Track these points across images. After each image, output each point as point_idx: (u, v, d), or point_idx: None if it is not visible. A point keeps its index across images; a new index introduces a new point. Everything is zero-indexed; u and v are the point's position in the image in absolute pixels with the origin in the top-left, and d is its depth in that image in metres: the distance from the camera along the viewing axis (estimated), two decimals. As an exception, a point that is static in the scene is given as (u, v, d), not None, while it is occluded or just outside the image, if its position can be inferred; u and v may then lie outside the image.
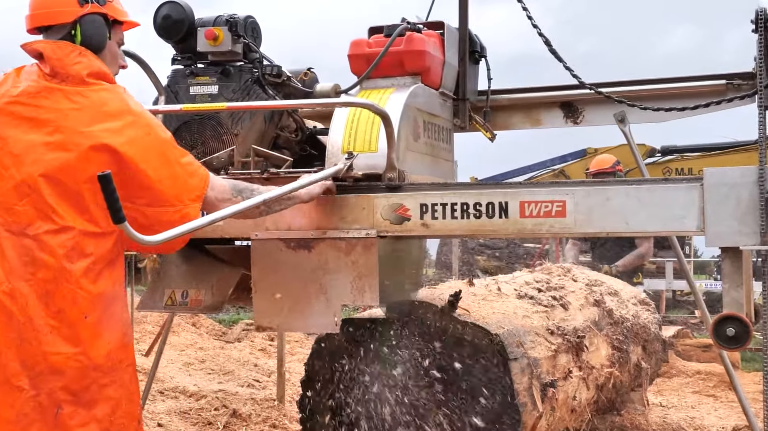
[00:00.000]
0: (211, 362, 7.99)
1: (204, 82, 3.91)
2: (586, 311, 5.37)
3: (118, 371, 3.03)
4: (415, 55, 3.98)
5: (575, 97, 4.53)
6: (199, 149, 3.87)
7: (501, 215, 3.35)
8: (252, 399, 6.83)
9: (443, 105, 4.24)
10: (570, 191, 3.30)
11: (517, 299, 4.83)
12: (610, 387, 5.38)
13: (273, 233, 3.63)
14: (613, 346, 5.50)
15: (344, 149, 3.67)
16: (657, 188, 3.25)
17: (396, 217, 3.46)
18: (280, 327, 3.74)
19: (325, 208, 3.55)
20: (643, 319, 6.30)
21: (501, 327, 4.03)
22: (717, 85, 4.28)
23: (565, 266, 6.24)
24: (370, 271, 3.52)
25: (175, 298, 4.03)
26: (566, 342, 4.66)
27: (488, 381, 3.86)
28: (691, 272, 15.98)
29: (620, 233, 3.33)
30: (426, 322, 3.94)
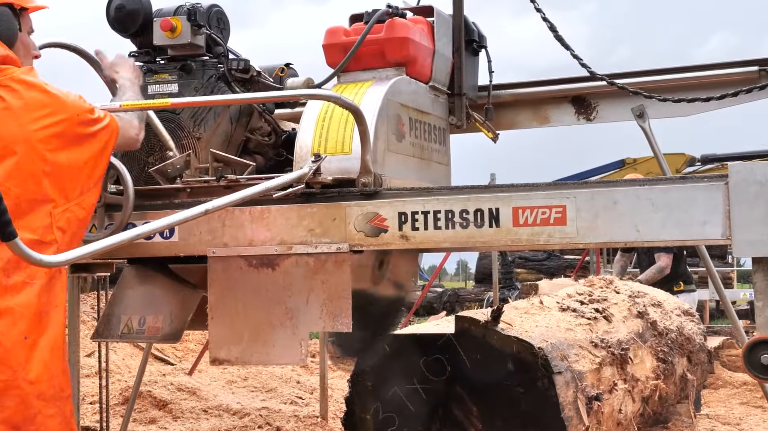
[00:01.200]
0: (254, 379, 7.48)
1: (163, 80, 3.22)
2: (629, 323, 4.97)
3: (61, 401, 2.50)
4: (397, 44, 3.23)
5: (588, 91, 3.70)
6: (157, 155, 3.18)
7: (492, 224, 2.61)
8: (295, 416, 6.30)
9: (435, 101, 3.47)
10: (571, 194, 2.56)
11: (559, 312, 4.46)
12: (656, 400, 4.98)
13: (232, 250, 2.91)
14: (658, 358, 5.12)
15: (314, 150, 2.97)
16: (673, 189, 2.51)
17: (371, 228, 2.72)
18: (239, 360, 2.97)
19: (289, 219, 2.83)
20: (688, 330, 5.84)
21: (544, 341, 3.70)
22: (749, 73, 3.45)
23: (607, 278, 5.78)
24: (341, 292, 2.79)
25: (132, 326, 3.32)
26: (610, 354, 4.30)
27: (533, 395, 3.50)
28: (734, 281, 14.88)
29: (630, 242, 2.57)
30: (470, 336, 3.57)
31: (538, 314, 4.21)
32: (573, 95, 3.76)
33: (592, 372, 3.94)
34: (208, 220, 2.87)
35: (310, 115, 3.08)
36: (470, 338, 3.54)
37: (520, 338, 3.54)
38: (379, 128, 2.99)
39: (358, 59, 3.23)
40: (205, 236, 2.89)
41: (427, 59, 3.37)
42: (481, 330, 3.52)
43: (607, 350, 4.26)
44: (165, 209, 2.94)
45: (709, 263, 4.15)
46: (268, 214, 2.84)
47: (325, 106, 3.06)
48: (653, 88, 3.48)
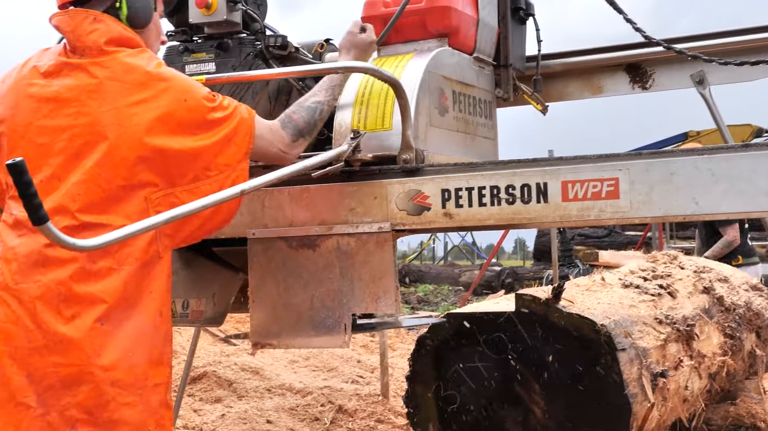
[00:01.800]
0: (315, 359, 7.43)
1: (200, 59, 3.06)
2: (695, 299, 4.81)
3: (143, 390, 2.34)
4: (438, 13, 3.03)
5: (643, 58, 3.46)
6: None
7: (540, 200, 2.44)
8: (357, 395, 6.25)
9: (480, 73, 3.26)
10: (624, 166, 2.38)
11: (622, 289, 4.32)
12: (723, 376, 4.84)
13: (272, 231, 2.78)
14: (725, 334, 4.95)
15: (353, 127, 2.81)
16: (735, 158, 2.31)
17: (414, 206, 2.57)
18: (280, 344, 2.86)
19: (329, 198, 2.70)
20: (756, 305, 5.57)
21: (607, 317, 3.58)
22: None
23: (671, 254, 5.57)
24: (384, 272, 2.64)
25: (176, 309, 3.21)
26: (675, 330, 4.18)
27: (596, 372, 3.40)
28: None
29: (689, 216, 2.37)
30: (531, 314, 3.46)
31: (600, 292, 4.10)
32: (627, 63, 3.53)
33: (656, 348, 3.84)
34: (248, 201, 2.75)
35: (349, 90, 2.91)
36: (531, 316, 3.44)
37: (582, 315, 3.43)
38: (420, 101, 2.82)
39: (399, 31, 3.05)
40: (245, 218, 2.77)
41: (471, 29, 3.18)
42: (542, 307, 3.42)
43: (672, 326, 4.15)
44: None
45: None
46: (307, 194, 2.72)
47: (365, 81, 2.89)
48: (714, 53, 3.23)
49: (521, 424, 3.63)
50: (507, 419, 3.62)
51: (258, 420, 5.60)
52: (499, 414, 3.64)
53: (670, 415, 4.13)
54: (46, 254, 2.26)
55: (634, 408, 3.44)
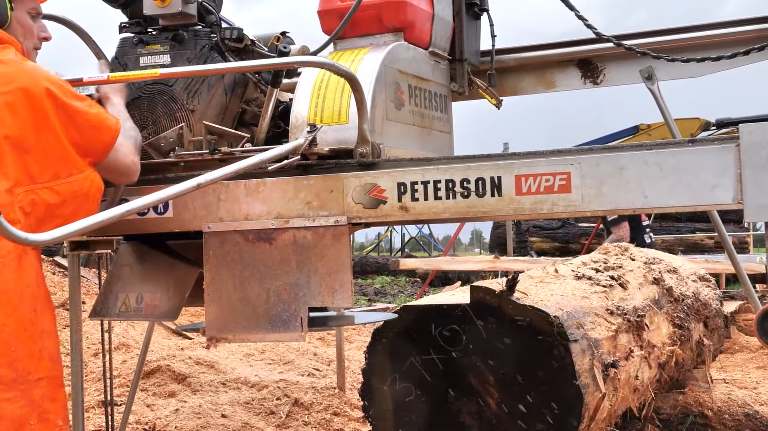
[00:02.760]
0: (271, 352, 7.39)
1: (155, 51, 3.03)
2: (645, 290, 4.93)
3: (26, 385, 2.37)
4: (394, 7, 3.06)
5: (594, 53, 3.51)
6: (150, 128, 3.03)
7: (494, 193, 2.48)
8: (313, 388, 6.24)
9: (435, 67, 3.30)
10: (575, 161, 2.42)
11: (574, 281, 4.42)
12: (672, 365, 4.96)
13: (228, 225, 2.78)
14: (674, 324, 5.06)
15: (309, 120, 2.81)
16: (682, 152, 2.36)
17: (370, 200, 2.59)
18: (236, 338, 2.84)
19: (286, 192, 2.70)
20: (704, 296, 5.78)
21: (560, 309, 3.67)
22: (762, 30, 3.26)
23: (623, 246, 5.69)
24: (341, 266, 2.65)
25: (129, 303, 3.18)
26: (626, 321, 4.26)
27: (549, 363, 3.46)
28: (750, 246, 14.65)
29: (638, 209, 2.43)
30: (485, 306, 3.52)
31: (553, 283, 4.17)
32: (579, 58, 3.58)
33: (608, 339, 3.90)
34: (203, 194, 2.75)
35: (305, 84, 2.91)
36: (486, 308, 3.49)
37: (535, 307, 3.50)
38: (376, 95, 2.83)
39: (355, 25, 3.05)
40: (200, 211, 2.77)
41: (426, 24, 3.20)
42: (496, 299, 3.48)
43: (623, 317, 4.21)
44: (158, 184, 2.78)
45: (721, 228, 4.00)
46: (263, 187, 2.72)
47: (321, 75, 2.90)
48: (662, 49, 3.30)
49: (476, 416, 3.65)
50: (462, 411, 3.65)
51: (213, 415, 5.54)
52: (454, 405, 3.65)
53: (621, 404, 4.16)
54: None
55: (586, 398, 3.49)
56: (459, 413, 3.65)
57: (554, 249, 15.53)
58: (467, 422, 3.67)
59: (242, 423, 5.59)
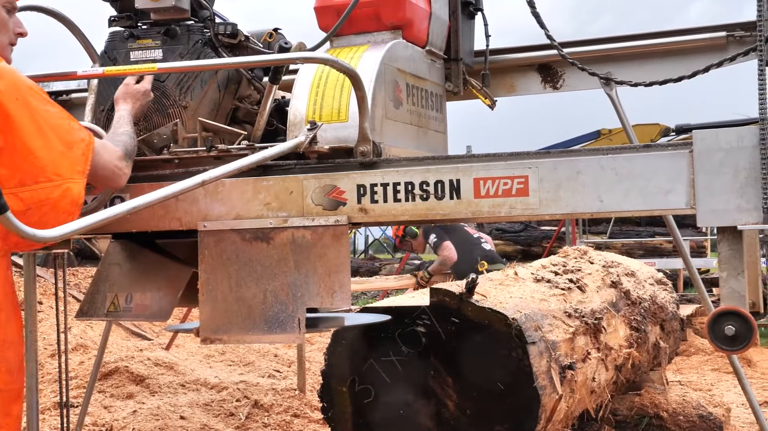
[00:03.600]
0: (231, 353, 7.38)
1: (146, 45, 2.99)
2: (603, 293, 4.94)
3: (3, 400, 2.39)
4: (393, 5, 3.04)
5: (554, 59, 3.53)
6: (142, 124, 2.98)
7: (453, 196, 2.50)
8: (273, 389, 6.23)
9: (432, 66, 3.30)
10: (533, 164, 2.45)
11: (534, 283, 4.43)
12: (629, 368, 4.97)
13: (224, 224, 2.74)
14: (631, 326, 5.09)
15: (308, 118, 2.79)
16: (636, 158, 2.40)
17: (329, 201, 2.60)
18: (231, 339, 2.79)
19: (245, 193, 2.69)
20: (661, 299, 5.79)
21: (518, 311, 3.68)
22: (716, 38, 3.31)
23: (582, 249, 5.70)
24: (340, 266, 2.63)
25: (119, 303, 3.13)
26: (584, 324, 4.27)
27: (507, 365, 3.48)
28: (708, 250, 14.88)
29: (594, 213, 2.46)
30: (445, 308, 3.51)
31: (512, 286, 4.18)
32: (539, 63, 3.60)
33: (565, 341, 3.93)
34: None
35: (304, 81, 2.89)
36: (445, 310, 3.49)
37: (494, 309, 3.52)
38: (376, 94, 2.81)
39: (352, 22, 3.04)
40: (158, 211, 2.74)
41: (424, 22, 3.19)
42: (455, 301, 3.49)
43: (580, 319, 4.24)
44: (152, 182, 2.77)
45: (676, 232, 4.05)
46: (222, 188, 2.71)
47: (320, 72, 2.88)
48: (620, 56, 3.36)
49: (434, 418, 3.65)
50: (421, 413, 3.65)
51: (171, 416, 5.53)
52: (413, 407, 3.66)
53: (578, 406, 4.19)
54: None
55: (543, 400, 3.50)
56: (418, 415, 3.66)
57: (516, 252, 15.61)
58: (426, 424, 3.67)
59: (201, 425, 5.58)
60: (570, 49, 3.40)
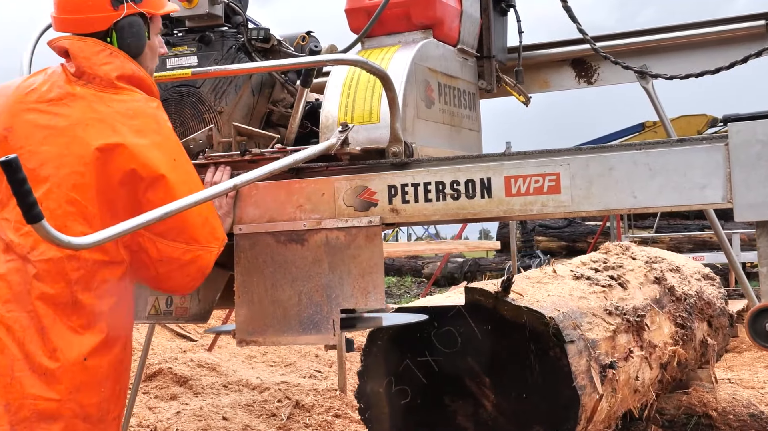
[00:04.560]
0: (273, 354, 7.50)
1: (182, 52, 3.07)
2: (646, 290, 4.89)
3: (105, 424, 2.42)
4: (423, 5, 3.06)
5: (587, 53, 3.52)
6: (178, 130, 3.02)
7: (483, 195, 2.50)
8: (314, 390, 6.32)
9: (464, 65, 3.32)
10: (564, 161, 2.44)
11: (573, 281, 4.40)
12: (675, 366, 4.92)
13: (259, 227, 2.79)
14: (676, 323, 5.04)
15: (340, 120, 2.83)
16: (671, 152, 2.37)
17: (361, 202, 2.62)
18: (267, 340, 2.82)
19: (278, 196, 2.73)
20: (708, 294, 5.76)
21: (556, 310, 3.65)
22: (755, 28, 3.27)
23: (624, 245, 5.68)
24: (374, 267, 2.66)
25: (159, 306, 3.21)
26: (625, 321, 4.24)
27: (545, 365, 3.47)
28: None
29: (628, 209, 2.45)
30: (480, 308, 3.52)
31: (550, 284, 4.17)
32: (572, 58, 3.60)
33: (606, 340, 3.90)
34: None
35: (335, 83, 2.93)
36: (481, 309, 3.50)
37: (530, 308, 3.51)
38: (407, 94, 2.85)
39: (383, 23, 3.07)
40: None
41: (455, 21, 3.21)
42: (491, 300, 3.49)
43: (622, 317, 4.22)
44: None
45: (717, 226, 4.01)
46: (256, 191, 2.76)
47: (351, 74, 2.92)
48: (657, 48, 3.34)
49: (472, 418, 3.66)
50: (458, 413, 3.65)
51: (213, 417, 5.63)
52: (450, 408, 3.66)
53: (621, 406, 4.17)
54: (33, 284, 2.31)
55: (583, 400, 3.49)
56: (455, 415, 3.66)
57: (561, 248, 15.59)
58: (463, 424, 3.68)
59: (243, 426, 5.69)
60: (603, 43, 3.39)
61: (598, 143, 9.94)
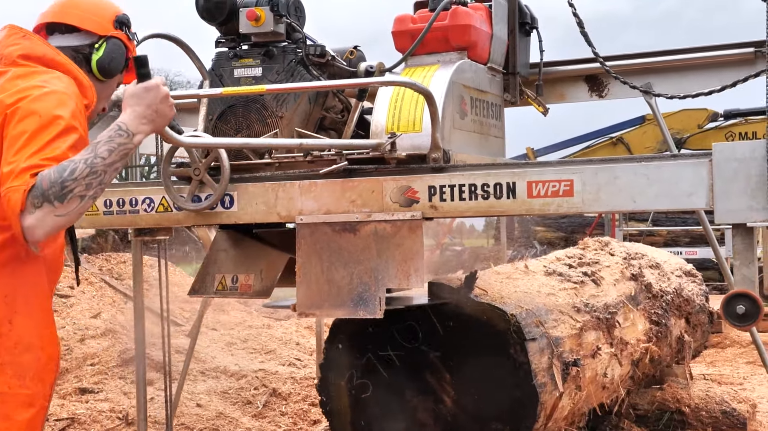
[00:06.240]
0: (254, 341, 8.03)
1: (248, 64, 3.92)
2: (621, 286, 5.37)
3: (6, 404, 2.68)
4: (460, 30, 3.93)
5: (599, 71, 4.47)
6: (244, 133, 3.88)
7: (509, 196, 3.36)
8: (292, 378, 6.92)
9: (492, 80, 4.22)
10: (578, 170, 3.30)
11: (544, 277, 4.83)
12: (647, 362, 5.39)
13: (318, 217, 3.61)
14: (651, 320, 5.54)
15: (388, 128, 3.67)
16: (665, 166, 3.23)
17: (405, 199, 3.48)
18: (322, 313, 3.69)
19: (334, 192, 3.59)
20: (687, 291, 6.30)
21: (520, 307, 4.02)
22: (744, 54, 4.26)
23: (603, 240, 6.21)
24: (416, 254, 3.48)
25: (226, 283, 4.10)
26: (595, 318, 4.64)
27: (506, 362, 3.86)
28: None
29: (628, 210, 3.35)
30: (444, 303, 3.94)
31: (520, 279, 4.59)
32: (586, 75, 4.59)
33: (571, 337, 4.30)
34: (264, 192, 3.66)
35: (384, 97, 3.77)
36: (444, 304, 3.93)
37: (492, 304, 3.92)
38: (446, 108, 3.68)
39: (424, 44, 3.91)
40: (260, 207, 3.67)
41: (486, 43, 4.06)
42: (454, 296, 3.90)
43: (591, 314, 4.64)
44: (255, 182, 3.72)
45: (706, 224, 4.89)
46: (315, 187, 3.60)
47: (397, 89, 3.75)
48: (658, 69, 4.32)
49: (432, 413, 4.01)
50: (418, 408, 4.05)
51: (188, 404, 6.16)
52: (411, 403, 4.04)
53: (586, 403, 4.60)
54: None
55: (542, 398, 3.86)
56: (416, 410, 4.06)
57: (559, 239, 16.56)
58: (423, 419, 4.05)
59: (217, 413, 6.27)
60: (613, 62, 4.34)
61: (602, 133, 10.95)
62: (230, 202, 3.73)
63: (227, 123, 3.91)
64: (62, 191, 2.46)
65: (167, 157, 3.76)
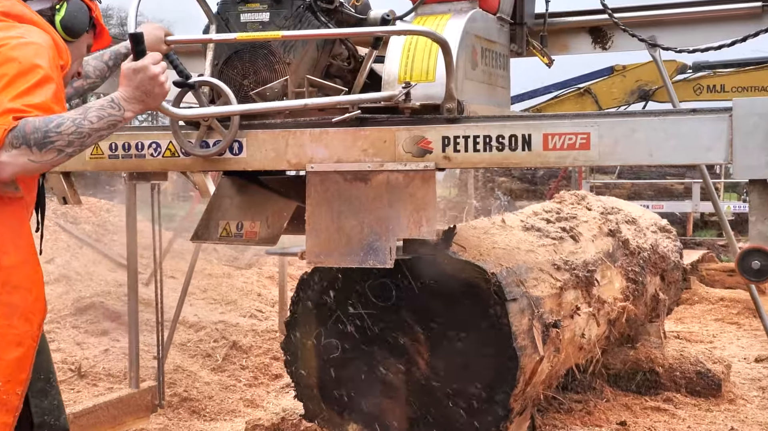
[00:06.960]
0: (213, 291, 8.12)
1: (255, 9, 3.95)
2: (599, 243, 5.45)
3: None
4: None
5: (604, 22, 4.63)
6: (251, 78, 3.94)
7: (524, 148, 3.46)
8: (253, 331, 7.02)
9: (500, 30, 4.33)
10: (595, 123, 3.41)
11: (522, 232, 4.88)
12: (624, 322, 5.51)
13: (328, 166, 3.70)
14: (628, 278, 5.65)
15: (401, 78, 3.76)
16: (684, 120, 3.35)
17: (418, 149, 3.57)
18: (331, 262, 3.76)
19: (345, 140, 3.67)
20: (663, 248, 6.44)
21: (500, 264, 4.05)
22: (752, 8, 4.40)
23: (579, 194, 6.28)
24: (428, 204, 3.58)
25: (230, 230, 4.21)
26: (574, 277, 4.72)
27: (485, 323, 3.90)
28: (721, 192, 16.55)
29: (644, 164, 3.48)
30: (419, 260, 3.94)
31: (498, 235, 4.61)
32: (591, 26, 4.73)
33: (551, 297, 4.35)
34: (274, 139, 3.74)
35: (396, 46, 3.86)
36: (420, 261, 3.94)
37: (471, 262, 3.93)
38: (459, 58, 3.77)
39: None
40: (270, 154, 3.75)
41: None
42: (431, 252, 3.89)
43: (571, 272, 4.69)
44: (266, 128, 3.79)
45: (708, 180, 5.08)
46: (326, 136, 3.69)
47: (410, 38, 3.84)
48: (663, 22, 4.43)
49: (404, 376, 4.04)
50: (389, 370, 4.08)
51: (144, 356, 6.14)
52: (383, 365, 4.08)
53: (564, 364, 4.68)
54: None
55: (522, 362, 3.88)
56: (387, 373, 4.08)
57: (521, 190, 16.82)
58: (396, 383, 4.08)
59: (174, 367, 6.35)
60: (619, 15, 4.47)
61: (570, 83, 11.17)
62: (239, 148, 3.79)
63: (234, 68, 3.94)
64: (44, 140, 2.74)
65: (175, 101, 3.79)
